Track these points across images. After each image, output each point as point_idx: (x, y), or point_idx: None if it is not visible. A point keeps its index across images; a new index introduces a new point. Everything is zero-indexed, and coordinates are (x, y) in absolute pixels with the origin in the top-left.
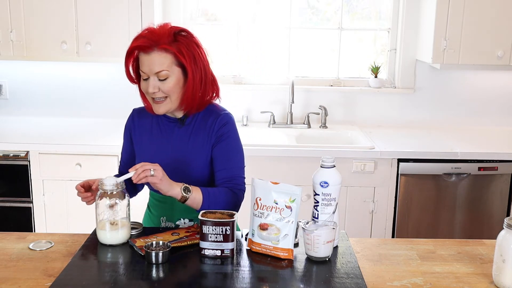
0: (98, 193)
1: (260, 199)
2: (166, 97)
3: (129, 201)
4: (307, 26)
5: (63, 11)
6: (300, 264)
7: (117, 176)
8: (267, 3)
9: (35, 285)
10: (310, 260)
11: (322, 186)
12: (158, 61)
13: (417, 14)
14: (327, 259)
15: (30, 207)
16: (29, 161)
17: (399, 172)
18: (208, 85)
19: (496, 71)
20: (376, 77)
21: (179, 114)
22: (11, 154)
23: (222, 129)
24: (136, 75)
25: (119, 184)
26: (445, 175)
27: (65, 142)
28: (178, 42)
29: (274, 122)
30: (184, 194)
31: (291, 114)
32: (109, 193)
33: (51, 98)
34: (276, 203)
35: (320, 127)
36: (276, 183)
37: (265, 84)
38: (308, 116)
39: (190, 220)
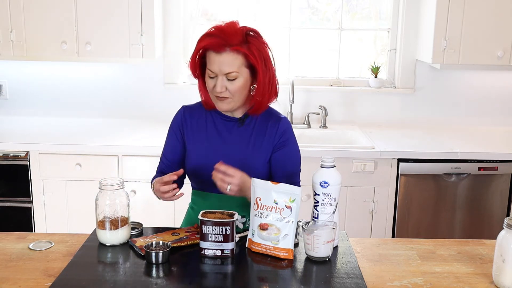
0: (98, 193)
1: (260, 199)
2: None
3: (129, 201)
4: (307, 26)
5: (63, 11)
6: (300, 264)
7: (159, 175)
8: (267, 3)
9: (35, 285)
10: (310, 260)
11: (322, 186)
12: (229, 62)
13: (417, 14)
14: (327, 259)
15: (30, 207)
16: (29, 161)
17: (399, 172)
18: (274, 87)
19: (496, 71)
20: (376, 77)
21: (238, 114)
22: (11, 154)
23: (285, 135)
24: (199, 71)
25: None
26: (445, 175)
27: (65, 142)
28: (249, 43)
29: None
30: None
31: (291, 114)
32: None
33: (51, 98)
34: (276, 203)
35: (320, 127)
36: (276, 183)
37: None
38: (308, 116)
39: (242, 217)
